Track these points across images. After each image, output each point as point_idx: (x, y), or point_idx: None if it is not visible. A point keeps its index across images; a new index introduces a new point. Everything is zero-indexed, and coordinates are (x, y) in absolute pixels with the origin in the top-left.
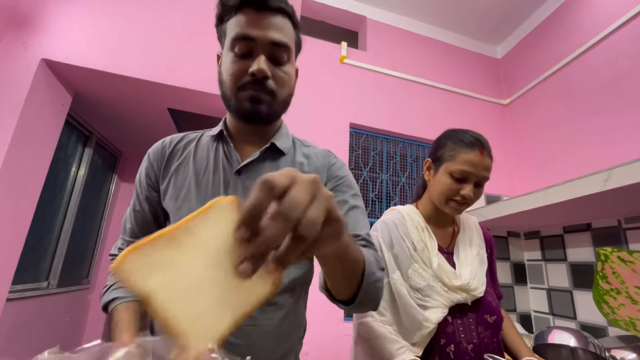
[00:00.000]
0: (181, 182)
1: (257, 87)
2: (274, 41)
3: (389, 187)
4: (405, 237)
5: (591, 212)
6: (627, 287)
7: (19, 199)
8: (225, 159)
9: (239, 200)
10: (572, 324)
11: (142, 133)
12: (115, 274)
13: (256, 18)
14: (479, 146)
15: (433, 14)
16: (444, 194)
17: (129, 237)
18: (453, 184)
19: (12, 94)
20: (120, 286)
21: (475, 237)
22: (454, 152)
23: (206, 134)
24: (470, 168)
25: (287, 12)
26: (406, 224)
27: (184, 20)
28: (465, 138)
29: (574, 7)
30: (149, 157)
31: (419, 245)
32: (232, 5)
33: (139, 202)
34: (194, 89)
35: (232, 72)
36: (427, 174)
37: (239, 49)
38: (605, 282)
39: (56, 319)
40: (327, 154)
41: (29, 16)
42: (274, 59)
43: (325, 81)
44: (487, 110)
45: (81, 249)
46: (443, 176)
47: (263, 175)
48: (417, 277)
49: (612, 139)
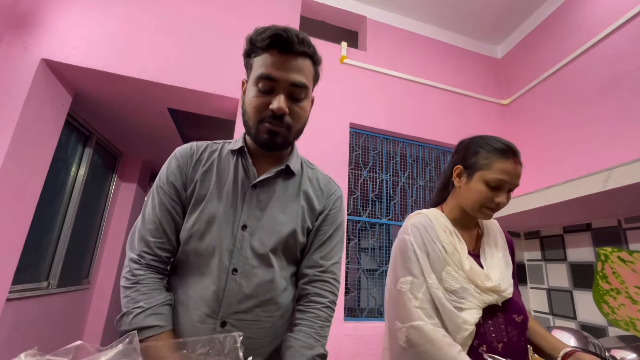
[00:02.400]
0: (205, 190)
1: (276, 121)
2: (294, 83)
3: (389, 187)
4: (435, 240)
5: (591, 212)
6: (627, 287)
7: (19, 199)
8: (243, 173)
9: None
10: (572, 324)
11: (142, 133)
12: None
13: (280, 61)
14: (512, 155)
15: (433, 14)
16: (479, 202)
17: (153, 237)
18: (489, 192)
19: (12, 94)
20: (156, 312)
21: (500, 240)
22: (488, 160)
23: (226, 147)
24: (506, 177)
25: (308, 54)
26: (435, 227)
27: (184, 20)
28: (498, 147)
29: (574, 7)
30: (178, 158)
31: (449, 248)
32: (260, 47)
33: (168, 200)
34: (194, 89)
35: (254, 106)
36: (457, 180)
37: (262, 86)
38: (605, 282)
39: (56, 319)
40: (329, 181)
41: (29, 16)
42: (293, 97)
43: (325, 81)
44: (487, 110)
45: (81, 249)
46: (478, 184)
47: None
48: (451, 280)
49: (612, 139)
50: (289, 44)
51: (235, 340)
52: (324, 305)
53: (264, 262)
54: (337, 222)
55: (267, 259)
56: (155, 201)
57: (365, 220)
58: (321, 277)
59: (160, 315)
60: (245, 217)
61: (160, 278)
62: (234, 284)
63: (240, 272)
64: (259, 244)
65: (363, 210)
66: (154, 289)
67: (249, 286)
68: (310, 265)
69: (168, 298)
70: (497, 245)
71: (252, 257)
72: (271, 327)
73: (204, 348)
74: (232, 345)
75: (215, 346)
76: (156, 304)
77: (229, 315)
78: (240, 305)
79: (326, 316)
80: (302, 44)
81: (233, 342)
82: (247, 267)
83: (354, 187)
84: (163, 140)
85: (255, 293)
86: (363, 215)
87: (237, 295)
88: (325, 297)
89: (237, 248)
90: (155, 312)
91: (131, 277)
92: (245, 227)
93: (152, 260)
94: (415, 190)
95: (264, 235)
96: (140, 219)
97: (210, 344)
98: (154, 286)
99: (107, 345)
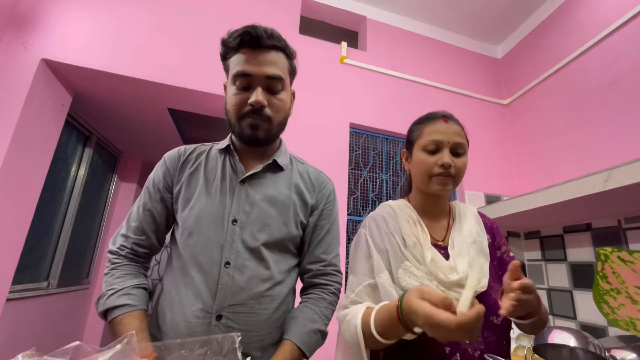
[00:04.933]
0: (193, 189)
1: (256, 115)
2: (269, 75)
3: (389, 187)
4: (395, 233)
5: (591, 212)
6: (627, 287)
7: (19, 199)
8: (231, 170)
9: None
10: (572, 324)
11: (142, 133)
12: None
13: (252, 56)
14: (440, 116)
15: (433, 14)
16: (425, 171)
17: (134, 234)
18: (429, 157)
19: (12, 94)
20: (127, 292)
21: (471, 224)
22: (419, 130)
23: (215, 147)
24: (438, 136)
25: (279, 48)
26: (397, 218)
27: (184, 20)
28: (427, 115)
29: (574, 7)
30: (165, 162)
31: (410, 240)
32: (232, 47)
33: (151, 202)
34: (194, 89)
35: (234, 103)
36: (406, 164)
37: (240, 84)
38: (606, 282)
39: (56, 319)
40: (319, 174)
41: (29, 16)
42: (270, 90)
43: (325, 81)
44: (487, 110)
45: (81, 249)
46: (418, 154)
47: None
48: (409, 277)
49: (612, 138)
50: (258, 39)
51: (234, 341)
52: (329, 290)
53: (256, 256)
54: (332, 215)
55: (259, 253)
56: (141, 201)
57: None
58: (325, 270)
59: (132, 295)
60: (235, 212)
61: (137, 266)
62: (228, 277)
63: (233, 266)
64: (250, 238)
65: (363, 210)
66: (127, 274)
67: (243, 279)
68: (313, 260)
69: (142, 282)
70: (467, 230)
71: (243, 250)
72: (267, 320)
73: (202, 348)
74: (230, 346)
75: (213, 346)
76: (128, 286)
77: (223, 309)
78: (234, 298)
79: (331, 299)
80: (271, 38)
81: (231, 342)
82: (239, 261)
83: (354, 187)
84: (163, 140)
85: (249, 286)
86: (363, 215)
87: (231, 288)
88: (332, 285)
89: (228, 242)
90: (126, 292)
91: (109, 265)
92: (236, 222)
93: (129, 254)
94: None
95: (254, 229)
96: (127, 216)
97: (209, 344)
98: (128, 271)
99: (106, 346)
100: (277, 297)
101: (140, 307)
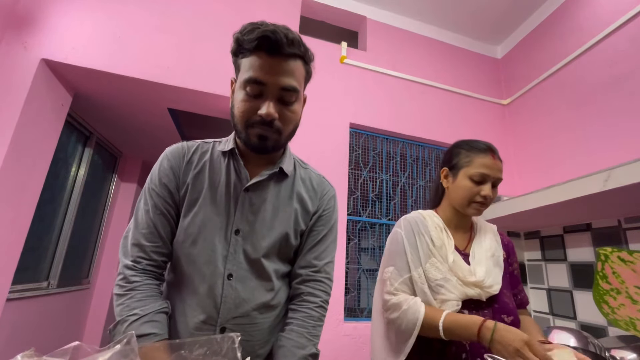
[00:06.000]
0: (197, 193)
1: (265, 127)
2: (284, 87)
3: (389, 187)
4: (424, 233)
5: (591, 212)
6: (627, 287)
7: (19, 199)
8: (235, 176)
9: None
10: (572, 324)
11: (142, 133)
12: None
13: (268, 63)
14: (490, 151)
15: (433, 14)
16: (466, 197)
17: (148, 241)
18: (474, 187)
19: (12, 94)
20: (151, 319)
21: (491, 240)
22: (469, 158)
23: (217, 148)
24: (487, 170)
25: (298, 55)
26: (426, 223)
27: (184, 20)
28: (477, 145)
29: (574, 7)
30: (169, 159)
31: (437, 242)
32: (247, 48)
33: (161, 202)
34: (194, 89)
35: (243, 110)
36: (445, 181)
37: (251, 90)
38: (606, 282)
39: (56, 319)
40: (322, 180)
41: (29, 16)
42: (283, 101)
43: (325, 81)
44: (487, 110)
45: (81, 249)
46: (463, 181)
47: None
48: (434, 270)
49: (612, 139)
50: (278, 46)
51: (234, 341)
52: (316, 304)
53: (257, 267)
54: (330, 222)
55: (260, 264)
56: (148, 204)
57: (365, 220)
58: (314, 277)
59: (156, 322)
60: (237, 222)
61: (156, 284)
62: (231, 289)
63: (236, 277)
64: (251, 249)
65: (363, 210)
66: (149, 296)
67: (246, 290)
68: (304, 265)
69: (164, 306)
70: (488, 245)
71: (245, 262)
72: (268, 328)
73: (202, 349)
74: (229, 346)
75: (212, 347)
76: (152, 312)
77: (227, 321)
78: (238, 310)
79: (318, 316)
80: (291, 46)
81: (231, 342)
82: (241, 272)
83: (354, 187)
84: (163, 140)
85: (252, 297)
86: (363, 215)
87: (234, 300)
88: (318, 297)
89: (232, 253)
90: (150, 319)
91: (126, 284)
92: (238, 232)
93: (149, 265)
94: (415, 190)
95: (256, 240)
96: (133, 223)
97: (208, 344)
98: (149, 293)
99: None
100: (278, 305)
101: (166, 336)
